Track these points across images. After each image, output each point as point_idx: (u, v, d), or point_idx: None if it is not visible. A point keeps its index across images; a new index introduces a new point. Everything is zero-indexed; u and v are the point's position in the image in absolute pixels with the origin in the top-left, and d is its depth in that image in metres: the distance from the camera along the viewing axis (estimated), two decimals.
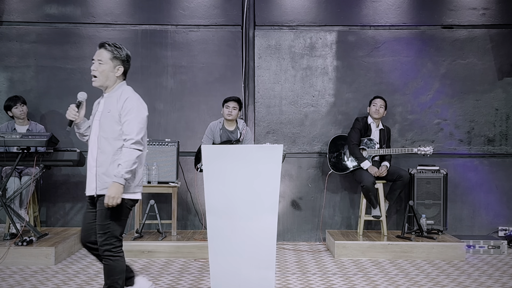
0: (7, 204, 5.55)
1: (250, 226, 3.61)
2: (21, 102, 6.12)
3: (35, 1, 6.67)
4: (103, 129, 3.52)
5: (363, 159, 6.08)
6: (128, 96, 3.56)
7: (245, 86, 6.70)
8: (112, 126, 3.51)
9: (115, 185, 3.43)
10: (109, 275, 3.57)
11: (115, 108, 3.53)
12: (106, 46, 3.58)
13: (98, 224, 3.54)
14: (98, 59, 3.56)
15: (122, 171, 3.43)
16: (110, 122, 3.52)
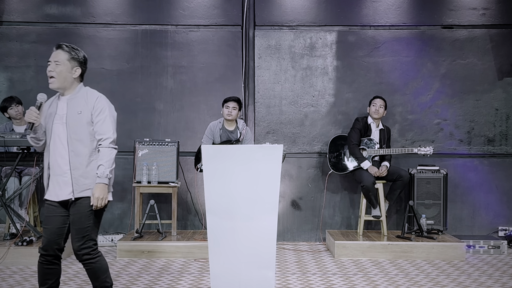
0: (7, 204, 5.55)
1: (250, 226, 3.61)
2: (16, 103, 6.12)
3: (35, 1, 6.67)
4: (74, 131, 3.42)
5: (363, 159, 6.08)
6: (98, 96, 3.54)
7: (245, 86, 6.70)
8: (84, 128, 3.44)
9: (100, 185, 3.40)
10: (96, 277, 3.55)
11: (85, 109, 3.46)
12: (63, 47, 3.48)
13: (75, 228, 3.45)
14: (55, 60, 3.45)
15: (106, 171, 3.41)
16: (81, 124, 3.44)
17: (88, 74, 6.94)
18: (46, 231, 3.53)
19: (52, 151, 3.46)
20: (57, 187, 3.46)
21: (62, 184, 3.45)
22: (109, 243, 6.28)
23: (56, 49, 3.49)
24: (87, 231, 3.47)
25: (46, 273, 3.57)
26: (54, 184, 3.47)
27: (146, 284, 4.72)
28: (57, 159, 3.44)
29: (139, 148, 6.11)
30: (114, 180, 6.91)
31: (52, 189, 3.49)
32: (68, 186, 3.44)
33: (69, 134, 3.43)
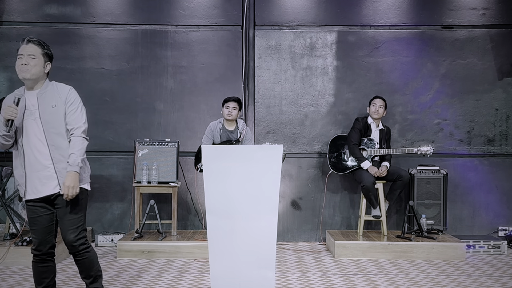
0: (7, 204, 5.55)
1: (250, 226, 3.61)
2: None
3: (35, 1, 6.67)
4: (52, 125, 3.42)
5: (363, 159, 6.08)
6: (69, 88, 3.55)
7: (245, 86, 6.70)
8: (61, 120, 3.45)
9: (71, 174, 3.38)
10: (91, 267, 3.59)
11: (59, 101, 3.46)
12: (36, 42, 3.49)
13: (68, 220, 3.46)
14: (29, 54, 3.44)
15: (77, 159, 3.40)
16: (58, 117, 3.45)
17: (88, 74, 6.98)
18: (36, 232, 3.51)
19: (26, 148, 3.42)
20: (38, 183, 3.43)
21: (45, 179, 3.43)
22: (109, 243, 6.28)
23: (27, 43, 3.46)
24: (80, 221, 3.51)
25: (42, 271, 3.57)
26: (33, 182, 3.43)
27: (146, 284, 4.72)
28: (35, 155, 3.41)
29: (139, 148, 6.11)
30: (114, 180, 6.95)
31: (32, 187, 3.45)
32: (52, 180, 3.43)
33: (46, 129, 3.41)
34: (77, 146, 3.43)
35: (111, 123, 6.59)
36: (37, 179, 3.44)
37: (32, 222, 3.50)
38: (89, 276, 3.60)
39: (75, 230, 3.49)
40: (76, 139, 3.44)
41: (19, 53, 3.45)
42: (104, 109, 6.59)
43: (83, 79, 6.49)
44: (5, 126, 3.35)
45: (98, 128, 6.43)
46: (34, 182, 3.44)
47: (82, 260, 3.56)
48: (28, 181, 3.45)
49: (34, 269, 3.58)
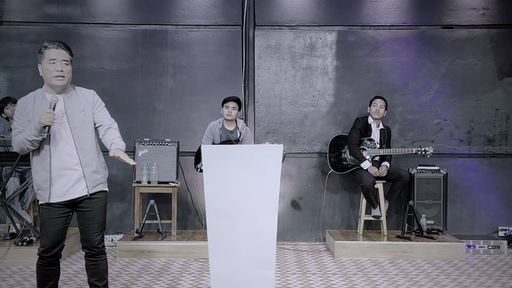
0: (7, 204, 5.55)
1: (250, 226, 3.61)
2: (12, 102, 6.13)
3: (35, 1, 6.67)
4: (81, 129, 3.44)
5: (363, 159, 6.08)
6: (93, 91, 3.61)
7: (245, 86, 6.70)
8: (90, 124, 3.49)
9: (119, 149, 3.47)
10: (105, 270, 3.62)
11: (87, 106, 3.50)
12: (67, 46, 3.49)
13: (96, 222, 3.51)
14: (63, 59, 3.44)
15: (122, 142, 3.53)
16: (86, 121, 3.48)
17: (88, 74, 6.98)
18: (48, 234, 3.48)
19: (53, 152, 3.40)
20: (65, 186, 3.42)
21: (73, 182, 3.44)
22: (109, 243, 6.28)
23: (58, 48, 3.44)
24: (104, 223, 3.59)
25: (47, 274, 3.57)
26: (60, 185, 3.42)
27: (146, 284, 4.72)
28: (64, 159, 3.41)
29: (139, 148, 6.11)
30: (114, 180, 6.97)
31: (58, 191, 3.42)
32: (80, 183, 3.45)
33: (74, 133, 3.42)
34: (118, 133, 3.56)
35: None
36: (65, 182, 3.42)
37: (47, 224, 3.46)
38: (102, 279, 3.60)
39: (100, 233, 3.54)
40: (115, 130, 3.58)
41: (51, 58, 3.42)
42: None
43: (83, 79, 6.48)
44: (37, 132, 3.30)
45: None
46: (60, 186, 3.42)
47: (101, 262, 3.58)
48: (54, 185, 3.41)
49: (39, 271, 3.56)
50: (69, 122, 3.42)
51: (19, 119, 3.41)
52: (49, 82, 3.45)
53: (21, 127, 3.39)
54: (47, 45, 3.45)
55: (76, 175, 3.44)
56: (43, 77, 3.48)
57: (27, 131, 3.33)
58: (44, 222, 3.48)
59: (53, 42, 3.46)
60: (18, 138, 3.36)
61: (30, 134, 3.31)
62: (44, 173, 3.41)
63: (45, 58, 3.44)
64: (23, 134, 3.33)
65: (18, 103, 3.47)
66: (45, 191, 3.42)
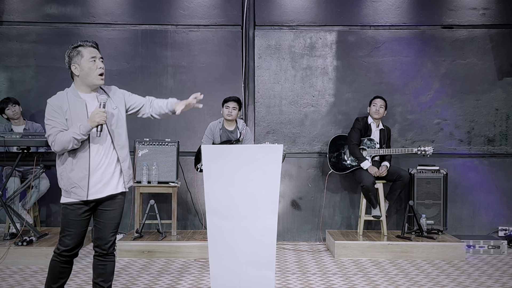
0: (7, 204, 5.55)
1: (250, 226, 3.61)
2: (13, 103, 6.13)
3: (35, 1, 6.68)
4: (117, 126, 3.50)
5: (363, 159, 6.08)
6: (114, 86, 3.70)
7: (245, 86, 6.70)
8: (123, 121, 3.56)
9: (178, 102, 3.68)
10: (113, 270, 3.62)
11: (119, 102, 3.56)
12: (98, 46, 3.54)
13: (114, 223, 3.54)
14: (101, 57, 3.49)
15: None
16: (120, 118, 3.54)
17: None
18: (73, 235, 3.46)
19: (92, 150, 3.41)
20: (97, 184, 3.43)
21: (110, 179, 3.47)
22: None
23: (93, 47, 3.46)
24: (119, 225, 3.61)
25: (62, 272, 3.55)
26: (98, 182, 3.42)
27: (146, 284, 4.72)
28: (102, 156, 3.44)
29: (139, 148, 6.11)
30: None
31: (96, 187, 3.42)
32: (114, 179, 3.49)
33: (111, 130, 3.46)
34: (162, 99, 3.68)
35: None
36: (103, 179, 3.45)
37: (73, 224, 3.45)
38: (108, 280, 3.59)
39: (115, 234, 3.58)
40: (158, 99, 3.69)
41: (92, 55, 3.42)
42: None
43: None
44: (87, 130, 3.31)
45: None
46: (98, 183, 3.44)
47: (109, 263, 3.58)
48: (93, 182, 3.42)
49: (54, 267, 3.53)
50: (107, 119, 3.42)
51: (56, 118, 3.36)
52: (91, 81, 3.44)
53: (61, 126, 3.35)
54: (83, 44, 3.45)
55: (114, 171, 3.49)
56: (81, 77, 3.44)
57: (74, 129, 3.30)
58: (69, 222, 3.45)
59: (87, 41, 3.49)
60: (63, 137, 3.31)
61: (79, 133, 3.30)
62: (82, 171, 3.39)
63: (84, 56, 3.41)
64: (70, 133, 3.30)
65: (51, 102, 3.41)
66: (83, 188, 3.39)
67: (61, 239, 3.49)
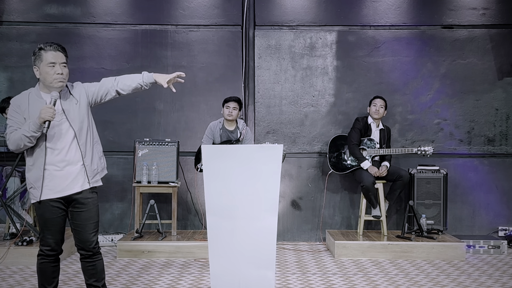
0: (7, 204, 5.55)
1: (250, 226, 3.61)
2: None
3: (35, 1, 6.67)
4: (80, 121, 3.44)
5: (363, 159, 6.08)
6: (78, 82, 3.62)
7: (245, 86, 6.70)
8: (86, 115, 3.48)
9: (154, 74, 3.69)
10: (103, 269, 3.60)
11: (79, 96, 3.50)
12: (64, 48, 3.48)
13: (92, 222, 3.49)
14: (62, 62, 3.41)
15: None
16: (82, 112, 3.47)
17: (88, 74, 6.97)
18: (52, 233, 3.46)
19: (50, 149, 3.37)
20: (64, 182, 3.40)
21: (73, 177, 3.42)
22: (109, 243, 6.28)
23: (55, 50, 3.40)
24: (98, 223, 3.57)
25: (53, 271, 3.58)
26: (56, 181, 3.39)
27: (146, 284, 4.72)
28: (63, 154, 3.39)
29: (139, 148, 6.11)
30: (114, 180, 6.96)
31: (54, 187, 3.39)
32: (80, 176, 3.43)
33: (73, 125, 3.41)
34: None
35: (111, 123, 6.59)
36: (63, 177, 3.40)
37: (50, 223, 3.44)
38: (101, 279, 3.58)
39: (96, 233, 3.53)
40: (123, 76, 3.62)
41: (51, 61, 3.38)
42: (104, 109, 6.52)
43: (83, 79, 6.36)
44: (36, 127, 3.28)
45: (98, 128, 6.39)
46: (58, 182, 3.40)
47: (98, 262, 3.56)
48: (50, 181, 3.38)
49: (44, 269, 3.54)
50: (68, 118, 3.40)
51: (14, 117, 3.38)
52: (49, 85, 3.42)
53: (17, 125, 3.36)
54: (44, 47, 3.39)
55: (78, 168, 3.43)
56: (40, 79, 3.45)
57: (25, 127, 3.31)
58: (46, 221, 3.44)
59: (49, 44, 3.41)
60: (15, 135, 3.32)
61: (28, 130, 3.29)
62: (37, 171, 3.38)
63: (43, 61, 3.39)
64: (21, 131, 3.30)
65: (12, 101, 3.44)
66: (37, 189, 3.39)
67: (42, 239, 3.49)
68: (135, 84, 3.61)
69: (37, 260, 3.55)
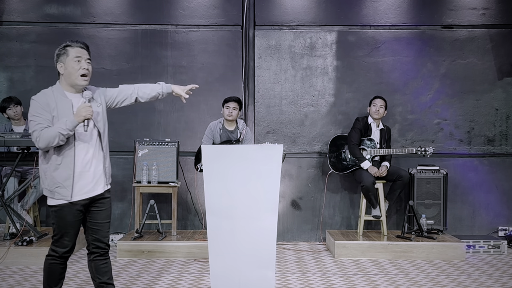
0: (7, 204, 5.55)
1: (250, 226, 3.61)
2: (15, 103, 6.12)
3: (35, 1, 6.67)
4: (103, 124, 3.53)
5: (363, 159, 6.08)
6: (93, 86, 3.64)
7: (245, 86, 6.70)
8: (106, 118, 3.58)
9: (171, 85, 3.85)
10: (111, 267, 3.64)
11: (101, 99, 3.57)
12: (88, 47, 3.51)
13: (107, 222, 3.58)
14: (87, 58, 3.45)
15: None
16: (103, 115, 3.56)
17: None
18: (70, 236, 3.45)
19: (79, 149, 3.39)
20: (90, 183, 3.43)
21: (95, 179, 3.46)
22: None
23: (81, 48, 3.44)
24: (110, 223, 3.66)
25: (61, 272, 3.55)
26: (84, 181, 3.41)
27: (146, 284, 4.72)
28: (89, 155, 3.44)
29: (139, 148, 6.11)
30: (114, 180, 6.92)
31: (82, 188, 3.40)
32: (102, 178, 3.50)
33: (99, 127, 3.49)
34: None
35: (111, 122, 6.45)
36: (89, 178, 3.43)
37: (71, 226, 3.43)
38: (112, 277, 3.60)
39: (107, 234, 3.61)
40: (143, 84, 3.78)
41: (77, 55, 3.40)
42: None
43: None
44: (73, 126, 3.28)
45: None
46: (85, 183, 3.41)
47: (109, 260, 3.60)
48: (78, 182, 3.39)
49: (54, 269, 3.50)
50: (94, 119, 3.44)
51: (41, 115, 3.33)
52: (73, 81, 3.41)
53: (46, 122, 3.32)
54: (71, 44, 3.43)
55: (100, 170, 3.49)
56: (65, 76, 3.42)
57: (60, 125, 3.27)
58: (67, 224, 3.41)
59: (76, 41, 3.48)
60: (48, 133, 3.27)
61: (65, 128, 3.26)
62: (67, 170, 3.36)
63: (69, 55, 3.39)
64: (56, 128, 3.26)
65: (37, 99, 3.37)
66: (67, 188, 3.36)
67: (58, 241, 3.45)
68: (154, 93, 3.77)
69: (47, 260, 3.50)
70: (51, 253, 3.48)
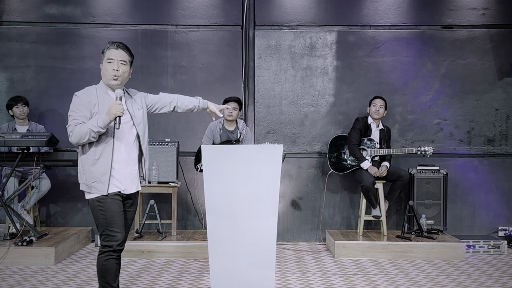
0: (7, 204, 5.55)
1: (250, 226, 3.61)
2: (23, 103, 6.13)
3: (35, 1, 6.67)
4: (143, 125, 3.60)
5: (363, 159, 6.08)
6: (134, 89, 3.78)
7: (245, 86, 6.70)
8: (146, 121, 3.65)
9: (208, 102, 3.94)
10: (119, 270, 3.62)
11: (142, 103, 3.65)
12: (127, 47, 3.62)
13: (131, 220, 3.64)
14: (121, 60, 3.54)
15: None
16: (144, 118, 3.63)
17: (88, 74, 6.98)
18: (118, 226, 3.46)
19: (117, 146, 3.46)
20: (127, 180, 3.51)
21: (131, 177, 3.53)
22: None
23: (116, 48, 3.53)
24: None
25: (117, 268, 3.53)
26: (120, 178, 3.48)
27: (146, 284, 4.72)
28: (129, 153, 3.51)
29: None
30: None
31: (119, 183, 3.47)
32: (136, 178, 3.58)
33: (138, 129, 3.55)
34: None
35: None
36: (125, 176, 3.51)
37: (117, 216, 3.46)
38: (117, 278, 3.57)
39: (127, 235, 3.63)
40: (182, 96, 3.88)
41: (109, 57, 3.50)
42: None
43: (83, 79, 6.48)
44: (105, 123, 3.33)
45: None
46: (122, 179, 3.49)
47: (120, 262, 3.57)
48: (117, 177, 3.46)
49: (110, 266, 3.47)
50: (133, 119, 3.52)
51: (79, 111, 3.40)
52: (106, 81, 3.53)
53: (82, 119, 3.39)
54: (108, 46, 3.55)
55: (135, 170, 3.57)
56: (102, 76, 3.56)
57: (92, 122, 3.34)
58: (113, 215, 3.44)
59: (114, 42, 3.57)
60: (80, 129, 3.33)
61: (96, 125, 3.32)
62: (104, 166, 3.43)
63: (104, 57, 3.53)
64: (88, 125, 3.33)
65: (80, 95, 3.46)
66: (104, 183, 3.42)
67: (108, 236, 3.44)
68: (191, 106, 3.87)
69: (100, 258, 3.46)
70: (104, 250, 3.46)
